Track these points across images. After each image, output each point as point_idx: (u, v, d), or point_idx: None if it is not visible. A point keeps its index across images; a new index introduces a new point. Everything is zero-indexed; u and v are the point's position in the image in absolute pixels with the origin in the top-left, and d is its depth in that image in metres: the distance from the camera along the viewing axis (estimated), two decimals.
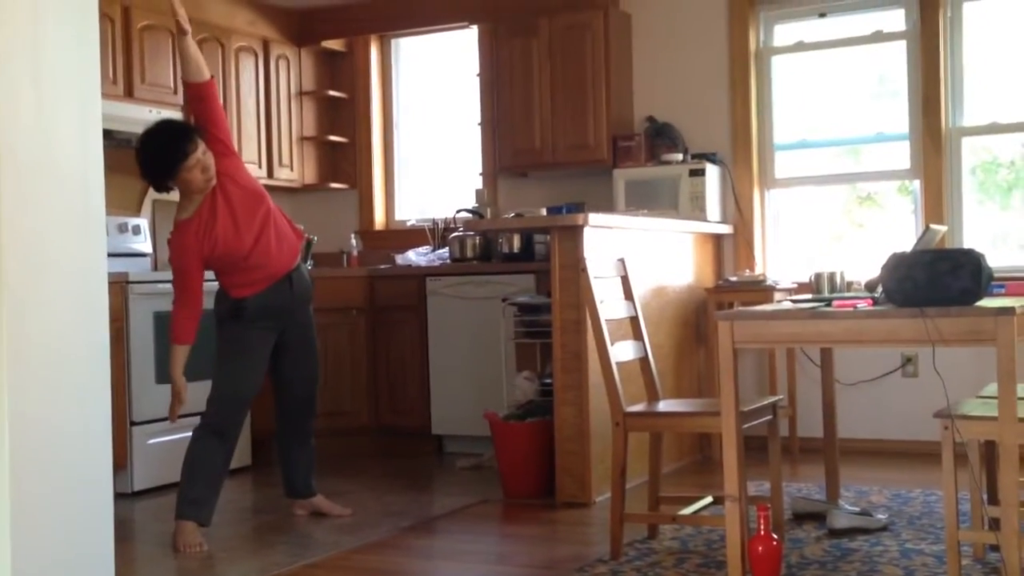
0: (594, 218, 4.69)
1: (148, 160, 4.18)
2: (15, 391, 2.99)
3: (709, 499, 4.09)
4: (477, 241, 6.12)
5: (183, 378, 4.21)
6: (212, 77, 4.34)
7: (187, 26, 4.24)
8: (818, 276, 4.10)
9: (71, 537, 3.16)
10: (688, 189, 5.79)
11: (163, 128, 4.21)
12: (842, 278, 4.07)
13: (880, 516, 4.10)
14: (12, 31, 3.02)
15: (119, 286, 5.05)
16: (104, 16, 5.12)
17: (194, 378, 4.30)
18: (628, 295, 4.17)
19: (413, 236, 6.74)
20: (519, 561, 3.95)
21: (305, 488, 4.63)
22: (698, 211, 5.76)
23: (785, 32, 6.08)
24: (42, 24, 3.10)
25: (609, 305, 4.00)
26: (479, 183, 6.58)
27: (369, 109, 7.01)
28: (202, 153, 4.13)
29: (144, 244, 5.95)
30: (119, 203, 5.78)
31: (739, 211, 5.98)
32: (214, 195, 4.19)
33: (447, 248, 6.27)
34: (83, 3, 3.24)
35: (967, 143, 5.69)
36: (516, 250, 5.98)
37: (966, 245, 5.49)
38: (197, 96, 4.29)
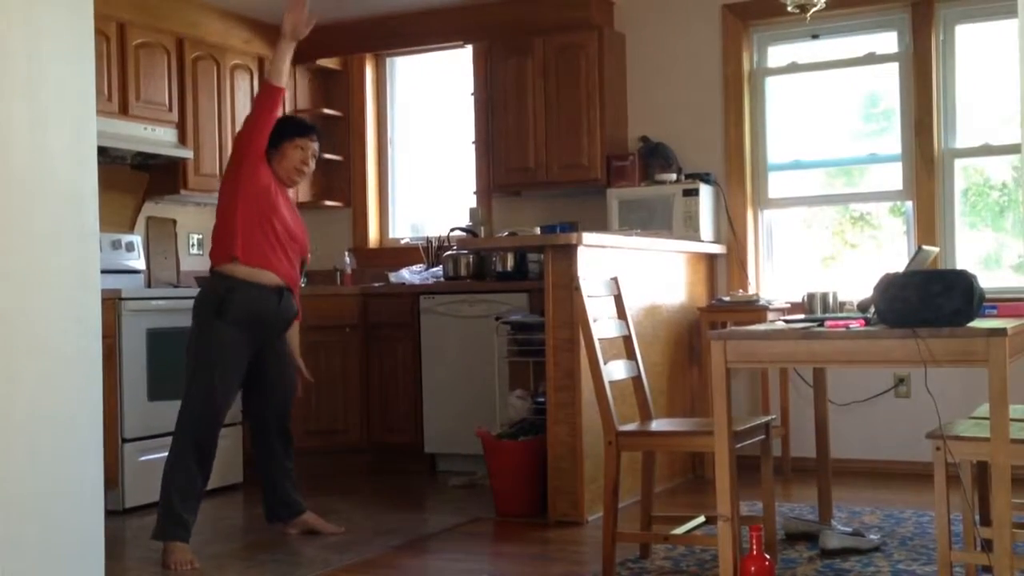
0: (588, 237, 4.70)
1: (281, 121, 4.53)
2: (5, 407, 2.98)
3: (702, 519, 4.09)
4: (471, 259, 6.12)
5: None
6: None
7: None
8: (811, 296, 4.11)
9: (62, 554, 3.15)
10: (681, 209, 5.80)
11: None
12: (835, 298, 4.08)
13: (872, 536, 4.10)
14: (7, 48, 3.03)
15: (112, 302, 5.05)
16: (99, 33, 5.12)
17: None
18: (621, 314, 4.18)
19: (407, 254, 6.74)
20: None
21: (296, 505, 4.61)
22: (691, 231, 5.77)
23: (778, 53, 6.11)
24: (37, 41, 3.11)
25: (602, 324, 4.00)
26: (473, 202, 6.59)
27: (364, 127, 7.03)
28: (314, 153, 4.54)
29: (137, 261, 5.94)
30: (113, 220, 5.78)
31: (732, 231, 6.00)
32: (285, 190, 4.53)
33: (441, 266, 6.27)
34: (78, 20, 3.25)
35: (959, 165, 5.72)
36: (509, 269, 5.97)
37: (958, 266, 5.51)
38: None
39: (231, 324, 4.26)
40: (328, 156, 6.90)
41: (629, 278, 4.71)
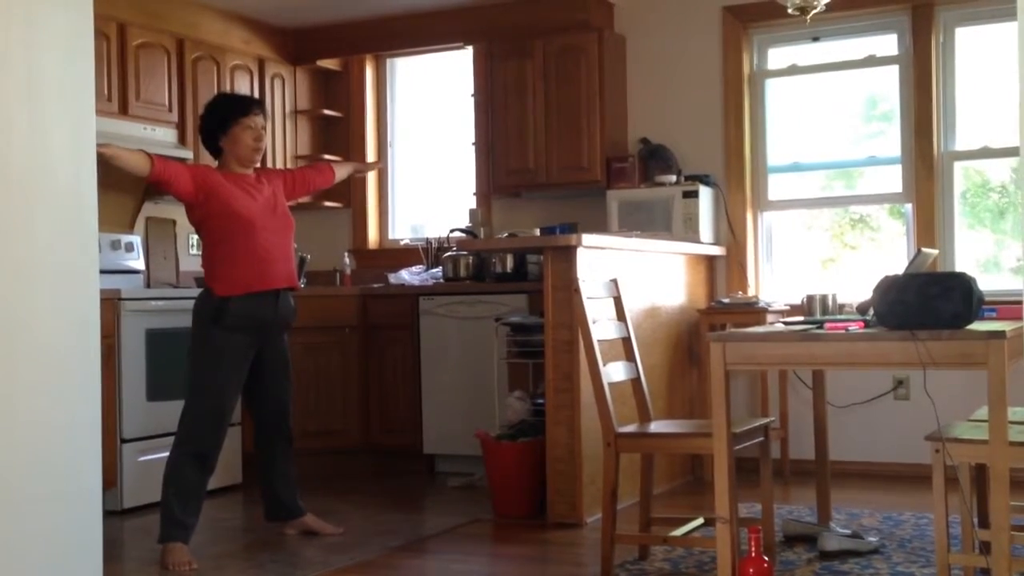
0: (587, 239, 4.71)
1: (217, 103, 4.46)
2: (4, 407, 2.98)
3: (700, 520, 4.09)
4: (470, 261, 6.12)
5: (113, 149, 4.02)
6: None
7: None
8: (810, 298, 4.11)
9: (60, 554, 3.15)
10: (681, 211, 5.80)
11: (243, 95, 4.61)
12: (834, 300, 4.08)
13: (871, 539, 4.10)
14: (7, 48, 3.03)
15: (111, 303, 5.05)
16: (99, 33, 5.13)
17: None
18: (621, 316, 4.18)
19: (406, 255, 6.74)
20: None
21: (295, 508, 4.62)
22: (691, 232, 5.77)
23: (779, 55, 6.12)
24: (36, 41, 3.11)
25: (602, 325, 4.00)
26: (473, 203, 6.59)
27: (364, 128, 7.03)
28: (262, 125, 4.42)
29: (136, 261, 5.94)
30: (112, 220, 5.78)
31: (732, 233, 6.00)
32: (248, 178, 4.40)
33: (440, 267, 6.27)
34: (78, 20, 3.25)
35: (959, 167, 5.72)
36: (509, 270, 5.97)
37: (957, 268, 5.51)
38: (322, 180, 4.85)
39: (229, 329, 4.27)
40: (328, 157, 6.90)
41: (629, 280, 4.72)
